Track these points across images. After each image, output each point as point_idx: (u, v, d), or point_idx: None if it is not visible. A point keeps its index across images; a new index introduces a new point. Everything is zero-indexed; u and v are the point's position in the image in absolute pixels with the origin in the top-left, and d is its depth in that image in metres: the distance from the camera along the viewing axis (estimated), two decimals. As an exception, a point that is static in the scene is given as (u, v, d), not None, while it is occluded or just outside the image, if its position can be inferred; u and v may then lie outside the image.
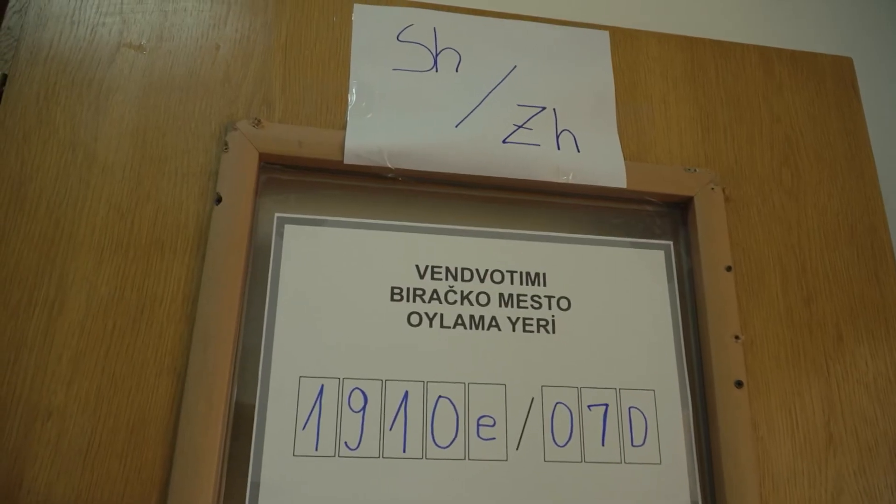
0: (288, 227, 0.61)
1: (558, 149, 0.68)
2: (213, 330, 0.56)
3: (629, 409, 0.61)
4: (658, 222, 0.70)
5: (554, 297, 0.64)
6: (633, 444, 0.60)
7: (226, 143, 0.62)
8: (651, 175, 0.70)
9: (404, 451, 0.56)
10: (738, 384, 0.63)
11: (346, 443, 0.56)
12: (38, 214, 0.57)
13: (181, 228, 0.59)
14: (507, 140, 0.67)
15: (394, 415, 0.57)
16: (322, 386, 0.57)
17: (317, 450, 0.55)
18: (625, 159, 0.69)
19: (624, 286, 0.66)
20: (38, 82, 0.61)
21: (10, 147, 0.59)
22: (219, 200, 0.59)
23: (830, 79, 0.80)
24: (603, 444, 0.60)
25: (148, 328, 0.56)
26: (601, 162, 0.69)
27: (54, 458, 0.52)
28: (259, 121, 0.63)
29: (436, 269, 0.63)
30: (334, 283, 0.61)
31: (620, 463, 0.60)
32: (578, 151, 0.68)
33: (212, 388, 0.54)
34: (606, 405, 0.61)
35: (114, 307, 0.56)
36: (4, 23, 0.64)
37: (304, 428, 0.56)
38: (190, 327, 0.56)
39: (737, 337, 0.64)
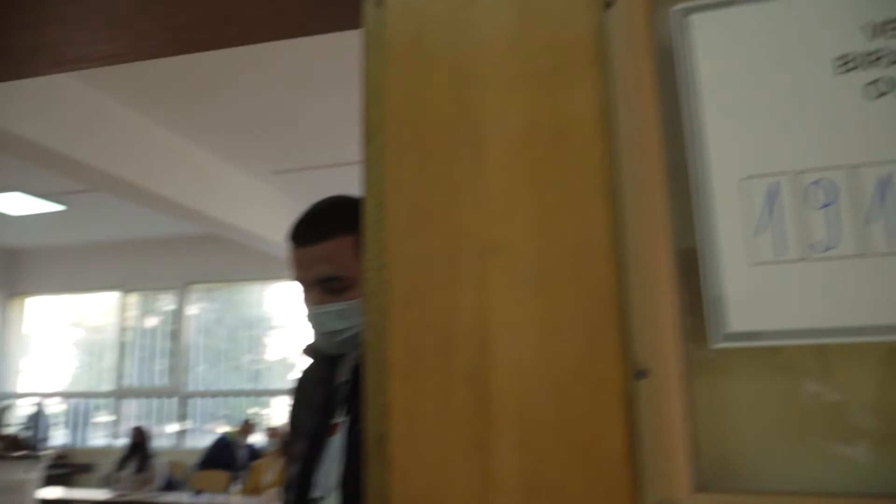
0: (692, 18, 0.53)
1: None
2: (637, 141, 0.51)
3: None
4: None
5: None
6: None
7: (601, -60, 0.54)
8: None
9: (893, 247, 0.47)
10: None
11: (813, 244, 0.48)
12: (439, 61, 0.58)
13: (578, 43, 0.55)
14: None
15: (870, 205, 0.48)
16: (772, 184, 0.49)
17: (779, 255, 0.49)
18: None
19: None
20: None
21: None
22: (608, 5, 0.53)
23: None
24: None
25: (569, 152, 0.54)
26: None
27: (507, 288, 0.53)
28: None
29: (892, 25, 0.49)
30: (760, 68, 0.51)
31: None
32: None
33: (648, 202, 0.51)
34: None
35: (531, 138, 0.55)
36: None
37: (757, 234, 0.49)
38: (613, 143, 0.52)
39: None
